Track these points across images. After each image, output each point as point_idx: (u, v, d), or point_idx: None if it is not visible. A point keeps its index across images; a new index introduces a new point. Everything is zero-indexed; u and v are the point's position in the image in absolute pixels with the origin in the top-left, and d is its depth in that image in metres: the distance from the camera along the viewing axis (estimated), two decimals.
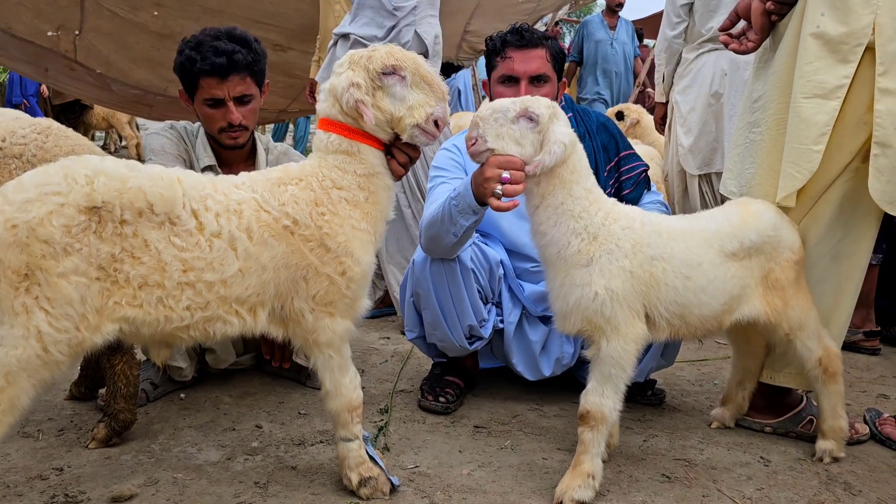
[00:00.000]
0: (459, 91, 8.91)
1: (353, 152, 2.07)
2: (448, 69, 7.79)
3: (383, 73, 2.04)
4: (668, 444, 2.65)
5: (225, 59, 2.66)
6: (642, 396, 3.00)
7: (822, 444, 2.55)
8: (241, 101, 2.75)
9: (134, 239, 1.85)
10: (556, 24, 11.70)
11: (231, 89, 2.70)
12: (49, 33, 5.46)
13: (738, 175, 2.60)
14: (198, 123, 2.93)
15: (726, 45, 2.55)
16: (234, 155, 2.86)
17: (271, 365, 2.83)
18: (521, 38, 2.74)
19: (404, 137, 2.08)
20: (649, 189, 2.96)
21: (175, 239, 1.89)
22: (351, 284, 2.08)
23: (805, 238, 2.49)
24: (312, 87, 4.62)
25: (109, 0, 5.40)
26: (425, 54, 3.75)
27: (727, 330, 2.69)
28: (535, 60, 2.74)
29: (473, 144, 2.16)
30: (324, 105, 2.11)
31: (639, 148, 3.90)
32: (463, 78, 8.79)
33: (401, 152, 2.14)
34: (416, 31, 3.84)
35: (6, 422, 1.79)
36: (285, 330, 2.11)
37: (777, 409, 2.75)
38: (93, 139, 11.74)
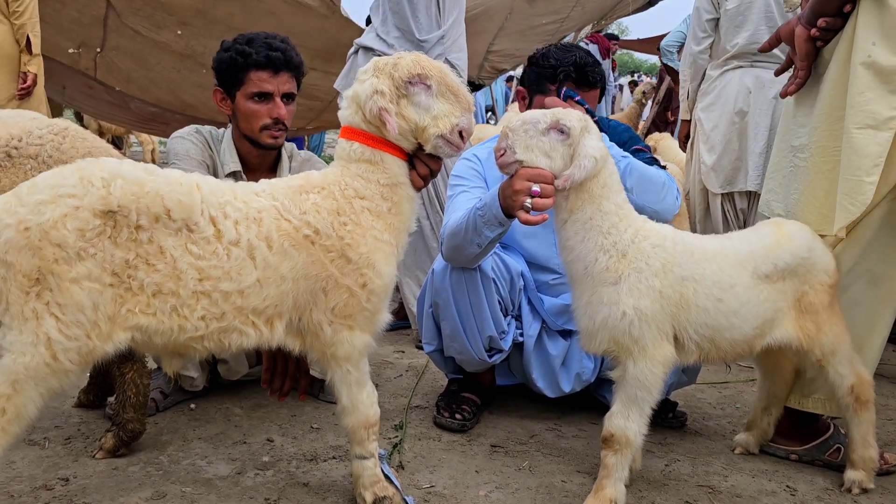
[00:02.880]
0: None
1: (376, 161, 2.01)
2: (470, 88, 7.76)
3: (409, 82, 1.98)
4: (691, 470, 2.56)
5: (280, 54, 2.66)
6: (663, 418, 2.91)
7: (852, 475, 2.46)
8: (287, 100, 2.73)
9: (149, 245, 1.80)
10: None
11: (281, 85, 2.69)
12: (70, 50, 5.50)
13: (784, 198, 2.53)
14: (223, 129, 2.88)
15: (783, 97, 2.53)
16: (258, 161, 2.82)
17: (268, 396, 2.71)
18: (586, 80, 2.68)
19: (428, 148, 2.02)
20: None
21: (192, 246, 1.83)
22: (371, 297, 2.01)
23: (841, 260, 2.42)
24: None
25: (133, 18, 5.41)
26: None
27: (755, 354, 2.62)
28: (591, 101, 2.70)
29: (502, 155, 2.10)
30: (346, 112, 2.05)
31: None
32: (475, 95, 8.77)
33: (422, 164, 2.08)
34: (447, 58, 3.79)
35: (12, 431, 1.73)
36: (303, 343, 2.04)
37: (804, 436, 2.65)
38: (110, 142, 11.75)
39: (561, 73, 2.71)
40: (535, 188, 2.03)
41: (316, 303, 1.98)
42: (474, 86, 7.50)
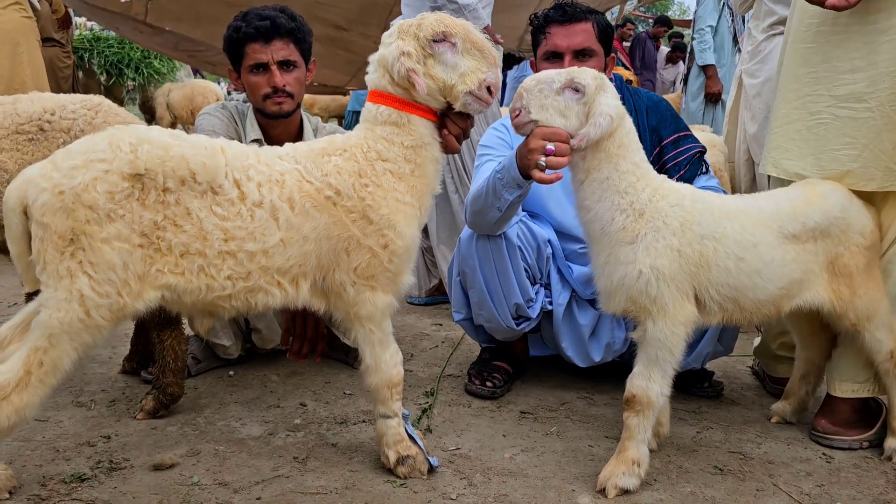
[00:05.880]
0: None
1: (403, 123, 2.04)
2: (509, 61, 7.69)
3: (434, 41, 2.00)
4: (724, 437, 2.53)
5: (268, 22, 2.69)
6: (699, 388, 2.89)
7: (892, 443, 2.40)
8: (285, 67, 2.75)
9: (176, 207, 1.87)
10: (626, 23, 11.43)
11: (275, 53, 2.71)
12: (122, 0, 5.69)
13: (814, 154, 2.37)
14: (248, 104, 2.96)
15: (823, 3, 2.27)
16: (279, 132, 2.86)
17: (286, 358, 2.69)
18: (564, 13, 2.67)
19: (457, 106, 2.04)
20: (706, 172, 2.81)
21: (217, 208, 1.89)
22: (393, 258, 2.05)
23: None
24: None
25: None
26: None
27: (790, 321, 2.57)
28: (578, 35, 2.66)
29: (517, 116, 2.10)
30: (374, 76, 2.07)
31: (700, 134, 3.74)
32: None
33: (453, 124, 2.10)
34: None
35: (49, 382, 1.83)
36: (327, 303, 2.09)
37: (866, 420, 2.50)
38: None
39: (542, 18, 2.72)
40: (550, 146, 2.03)
41: (339, 263, 2.03)
42: (515, 59, 7.41)
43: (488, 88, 2.02)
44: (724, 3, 6.85)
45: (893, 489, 2.21)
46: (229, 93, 13.10)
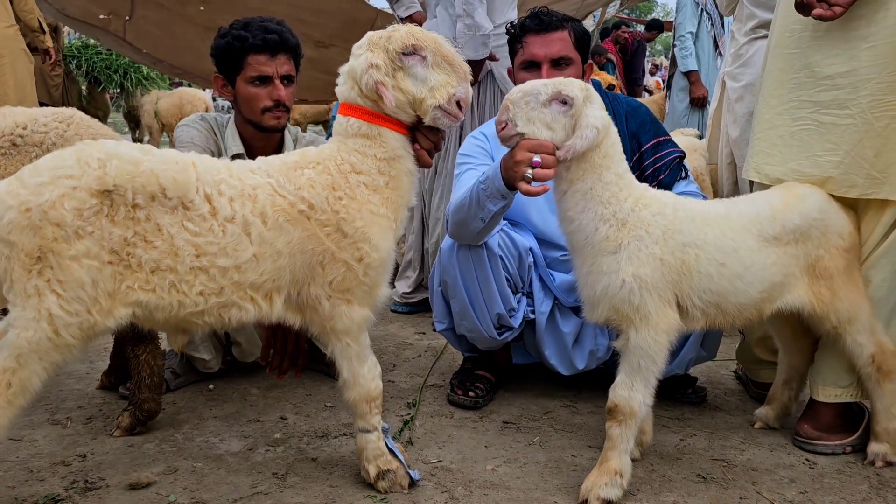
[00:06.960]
0: None
1: (374, 136, 2.02)
2: None
3: (403, 54, 1.98)
4: (707, 444, 2.52)
5: (276, 36, 2.66)
6: (682, 394, 2.87)
7: (875, 448, 2.39)
8: (286, 81, 2.72)
9: (146, 223, 1.83)
10: (620, 26, 11.45)
11: (279, 67, 2.68)
12: (101, 16, 5.63)
13: (797, 159, 2.36)
14: (228, 115, 2.92)
15: (810, 12, 2.26)
16: (262, 144, 2.83)
17: (266, 374, 2.63)
18: (540, 22, 2.65)
19: (426, 120, 2.02)
20: (685, 178, 2.79)
21: (188, 224, 1.86)
22: (369, 271, 2.02)
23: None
24: None
25: None
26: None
27: (772, 326, 2.56)
28: (555, 43, 2.64)
29: (503, 129, 2.08)
30: (343, 88, 2.06)
31: (682, 138, 3.74)
32: None
33: (424, 138, 2.08)
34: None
35: (18, 403, 1.79)
36: (302, 317, 2.06)
37: (851, 425, 2.50)
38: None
39: (518, 27, 2.70)
40: (537, 158, 2.01)
41: (314, 277, 2.00)
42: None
43: (458, 103, 2.00)
44: (702, 9, 6.87)
45: (877, 494, 2.21)
46: (214, 99, 13.01)
